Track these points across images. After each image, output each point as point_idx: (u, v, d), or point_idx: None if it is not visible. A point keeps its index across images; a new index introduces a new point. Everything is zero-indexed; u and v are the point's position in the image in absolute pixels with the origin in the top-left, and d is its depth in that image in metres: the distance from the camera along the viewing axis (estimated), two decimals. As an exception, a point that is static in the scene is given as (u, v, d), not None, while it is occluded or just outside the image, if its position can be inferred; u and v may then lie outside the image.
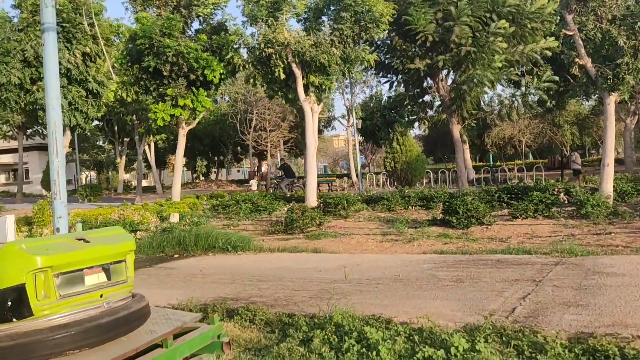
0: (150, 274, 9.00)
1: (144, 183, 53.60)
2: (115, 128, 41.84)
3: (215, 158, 50.48)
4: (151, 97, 18.13)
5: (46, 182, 29.04)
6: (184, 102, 17.45)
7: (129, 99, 18.88)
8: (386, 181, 26.66)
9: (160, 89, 18.00)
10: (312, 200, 17.25)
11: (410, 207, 15.70)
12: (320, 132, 46.80)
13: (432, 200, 15.44)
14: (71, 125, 14.13)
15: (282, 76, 17.46)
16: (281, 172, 24.79)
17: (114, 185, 45.63)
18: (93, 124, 45.03)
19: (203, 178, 52.91)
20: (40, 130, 31.33)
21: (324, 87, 18.18)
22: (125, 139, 40.38)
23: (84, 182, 55.94)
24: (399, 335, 4.68)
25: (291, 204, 17.14)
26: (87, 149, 46.74)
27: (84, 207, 21.56)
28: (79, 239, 3.50)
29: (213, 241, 11.28)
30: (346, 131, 31.14)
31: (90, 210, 16.82)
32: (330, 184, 30.17)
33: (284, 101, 20.16)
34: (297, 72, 17.43)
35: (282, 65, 17.30)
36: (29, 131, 31.45)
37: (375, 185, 29.54)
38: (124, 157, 41.77)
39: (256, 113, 28.92)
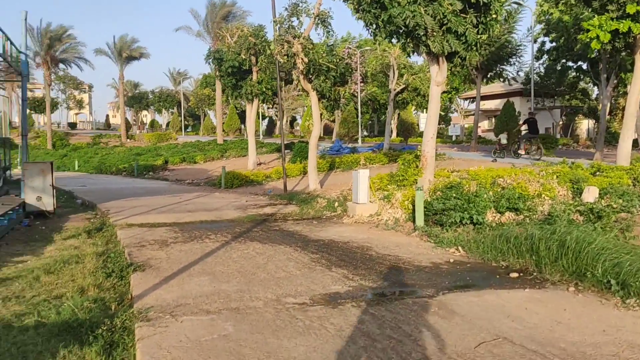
0: (424, 321, 4.68)
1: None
2: (600, 66, 34.78)
3: None
4: (590, 9, 12.17)
5: (498, 129, 26.24)
6: (636, 7, 10.75)
7: (568, 20, 13.43)
8: None
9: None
10: None
11: None
12: None
13: None
14: (445, 54, 10.38)
15: None
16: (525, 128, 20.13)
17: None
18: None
19: None
20: (499, 71, 28.29)
21: None
22: (614, 80, 32.79)
23: (581, 133, 50.10)
24: None
25: None
26: (563, 93, 41.00)
27: (519, 162, 17.47)
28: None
29: (587, 262, 5.68)
30: None
31: (489, 170, 12.78)
32: None
33: None
34: None
35: None
36: (489, 74, 28.75)
37: None
38: (608, 104, 34.32)
39: None
